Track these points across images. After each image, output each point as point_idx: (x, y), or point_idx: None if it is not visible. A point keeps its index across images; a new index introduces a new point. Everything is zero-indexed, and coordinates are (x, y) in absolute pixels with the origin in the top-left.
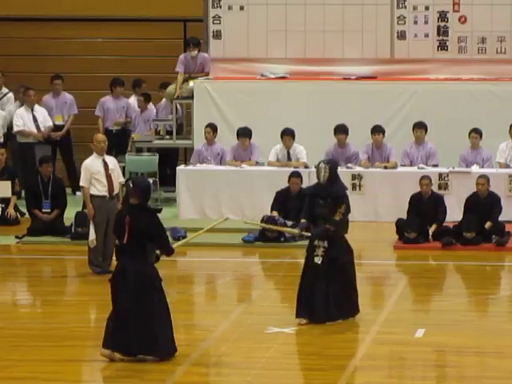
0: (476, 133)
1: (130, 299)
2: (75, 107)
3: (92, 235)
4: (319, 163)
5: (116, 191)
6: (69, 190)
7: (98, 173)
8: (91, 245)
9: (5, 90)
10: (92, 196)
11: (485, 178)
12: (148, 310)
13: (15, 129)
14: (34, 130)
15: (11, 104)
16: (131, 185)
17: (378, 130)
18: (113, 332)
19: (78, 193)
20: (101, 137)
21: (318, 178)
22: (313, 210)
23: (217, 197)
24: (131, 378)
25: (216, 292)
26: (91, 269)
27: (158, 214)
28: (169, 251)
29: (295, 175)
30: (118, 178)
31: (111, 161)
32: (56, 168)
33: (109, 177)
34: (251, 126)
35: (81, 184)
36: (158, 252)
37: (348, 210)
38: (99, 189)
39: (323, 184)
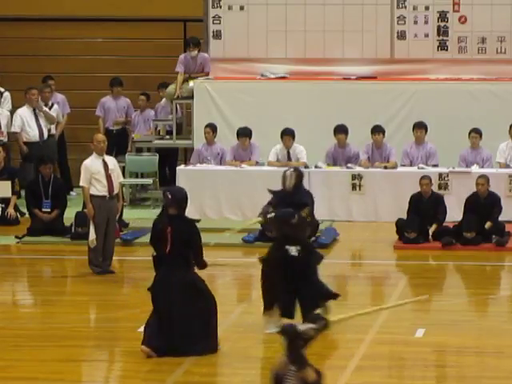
0: (476, 133)
1: (173, 305)
2: (67, 106)
3: (92, 235)
4: (285, 170)
5: (116, 191)
6: None
7: (98, 173)
8: (91, 245)
9: (0, 89)
10: (92, 196)
11: (485, 178)
12: (189, 311)
13: (11, 129)
14: (36, 131)
15: (8, 103)
16: (169, 196)
17: (378, 130)
18: (152, 333)
19: (72, 192)
20: (101, 137)
21: (284, 184)
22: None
23: (217, 197)
24: (131, 378)
25: (216, 292)
26: (91, 269)
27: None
28: (200, 264)
29: None
30: (118, 178)
31: (111, 161)
32: None
33: (109, 177)
34: (251, 126)
35: (81, 184)
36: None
37: (312, 215)
38: (99, 189)
39: (288, 191)
